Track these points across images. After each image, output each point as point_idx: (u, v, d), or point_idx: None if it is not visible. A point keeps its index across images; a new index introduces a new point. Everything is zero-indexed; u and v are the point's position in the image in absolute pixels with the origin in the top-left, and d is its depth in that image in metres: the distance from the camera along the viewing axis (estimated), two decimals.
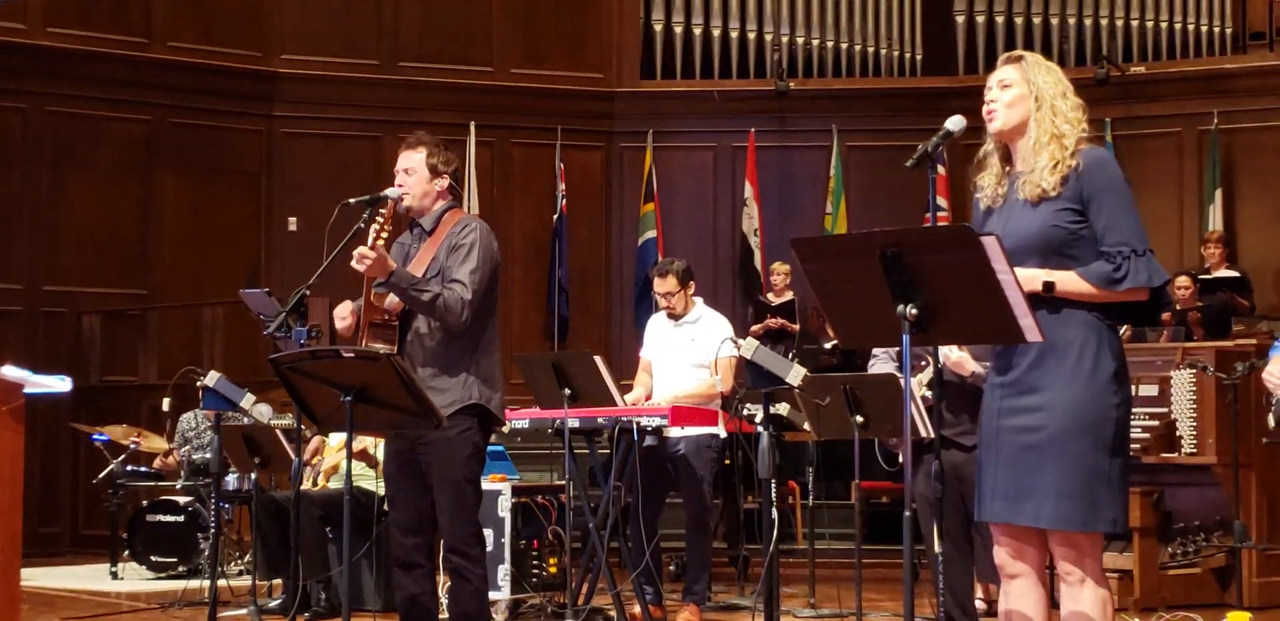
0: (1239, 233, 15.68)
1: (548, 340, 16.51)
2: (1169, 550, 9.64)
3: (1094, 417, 4.75)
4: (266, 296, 9.34)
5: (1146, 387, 9.73)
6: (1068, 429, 4.73)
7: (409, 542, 6.48)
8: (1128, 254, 4.78)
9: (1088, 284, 4.77)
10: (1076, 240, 4.82)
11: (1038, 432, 4.77)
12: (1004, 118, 4.96)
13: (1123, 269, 4.76)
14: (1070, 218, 4.82)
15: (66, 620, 9.51)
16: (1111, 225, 4.81)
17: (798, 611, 9.49)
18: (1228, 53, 16.42)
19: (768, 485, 6.26)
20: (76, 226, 15.23)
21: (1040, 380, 4.80)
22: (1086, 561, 4.81)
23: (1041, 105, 4.91)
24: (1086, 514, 4.73)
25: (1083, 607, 4.81)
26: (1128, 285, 4.76)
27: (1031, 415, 4.79)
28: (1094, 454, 4.73)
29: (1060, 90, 4.94)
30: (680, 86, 17.25)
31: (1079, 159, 4.84)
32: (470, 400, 6.40)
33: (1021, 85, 4.96)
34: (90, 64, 15.27)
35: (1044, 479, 4.74)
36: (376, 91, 16.51)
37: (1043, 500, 4.74)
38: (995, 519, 4.88)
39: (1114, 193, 4.86)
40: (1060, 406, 4.75)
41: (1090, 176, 4.82)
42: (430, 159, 6.55)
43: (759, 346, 6.29)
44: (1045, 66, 4.99)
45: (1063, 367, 4.77)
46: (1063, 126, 4.87)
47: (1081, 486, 4.71)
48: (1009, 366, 4.88)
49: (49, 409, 13.85)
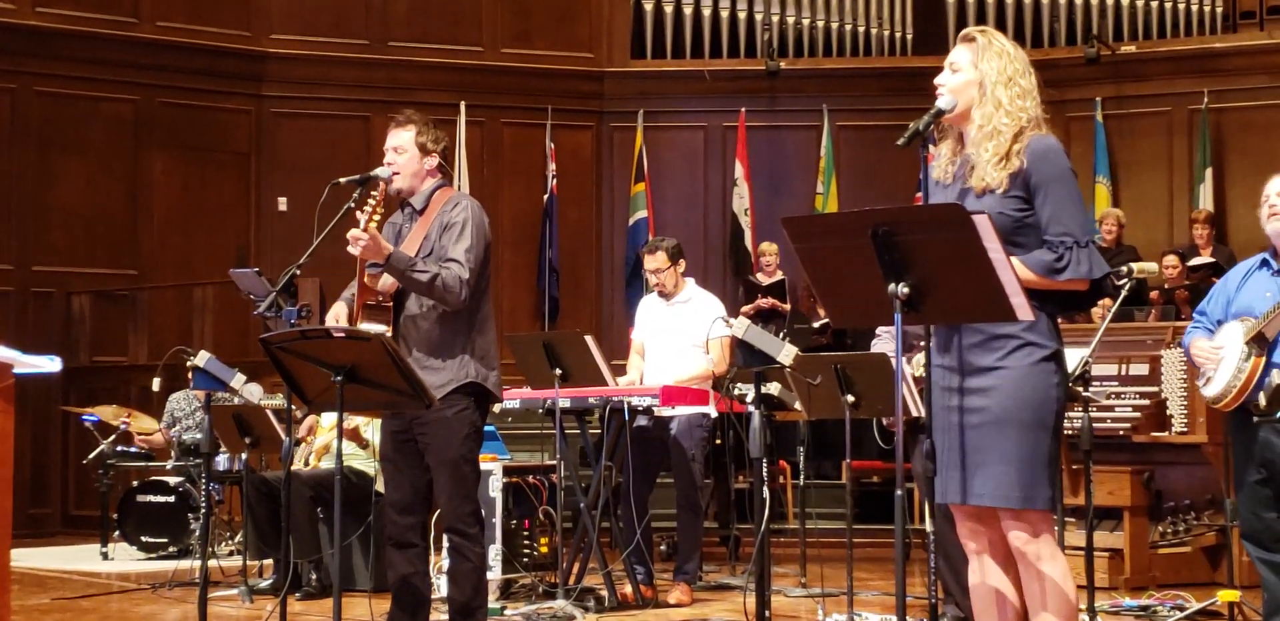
0: (1229, 211, 15.69)
1: (538, 320, 16.50)
2: (1159, 529, 9.66)
3: (1036, 398, 4.81)
4: (256, 276, 9.33)
5: (1137, 366, 9.75)
6: (1010, 409, 4.79)
7: (404, 522, 6.48)
8: (1070, 244, 4.81)
9: (1029, 271, 4.79)
10: (1021, 228, 4.86)
11: (984, 413, 4.82)
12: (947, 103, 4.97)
13: (1064, 259, 4.80)
14: (1016, 205, 4.86)
15: (57, 600, 9.50)
16: (1056, 216, 4.84)
17: (789, 590, 9.50)
18: (1218, 32, 16.39)
19: (759, 464, 6.26)
20: (66, 207, 15.20)
21: (983, 361, 4.85)
22: (1042, 536, 4.86)
23: (984, 95, 4.93)
24: (1027, 491, 4.79)
25: (1044, 583, 4.86)
26: (1068, 276, 4.81)
27: (978, 396, 4.85)
28: (1035, 434, 4.80)
29: (1006, 76, 4.92)
30: (671, 66, 17.22)
31: (1024, 150, 4.85)
32: (467, 379, 6.40)
33: (969, 70, 4.97)
34: (79, 44, 15.22)
35: (988, 457, 4.80)
36: (366, 71, 16.47)
37: (986, 478, 4.81)
38: (947, 499, 4.94)
39: (1059, 182, 4.87)
40: (1004, 388, 4.81)
41: (1035, 166, 4.85)
42: (420, 137, 6.54)
43: (750, 325, 6.28)
44: (996, 49, 4.97)
45: (1005, 349, 4.83)
46: (1002, 121, 4.88)
47: (1022, 465, 4.77)
48: (948, 346, 4.92)
49: (39, 389, 13.84)
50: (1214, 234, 14.58)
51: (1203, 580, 9.45)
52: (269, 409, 9.59)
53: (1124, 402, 9.67)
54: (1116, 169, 16.18)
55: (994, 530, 4.96)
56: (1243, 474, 6.51)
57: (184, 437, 11.88)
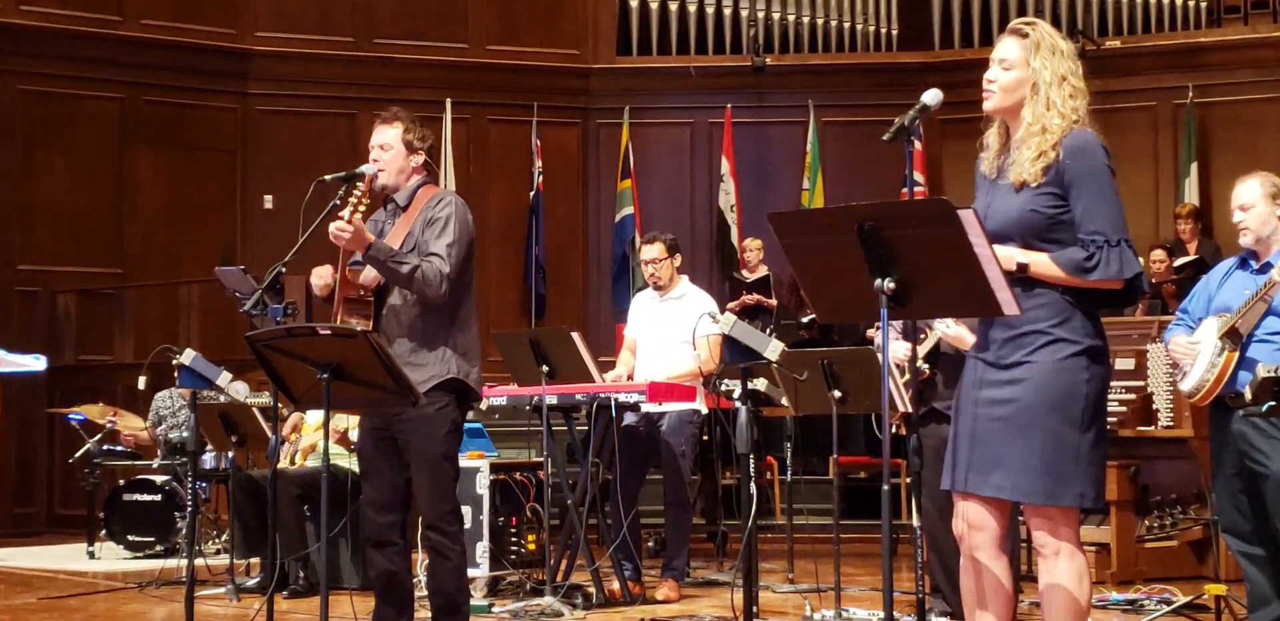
0: (1214, 205, 15.67)
1: (525, 317, 16.50)
2: (1146, 523, 9.67)
3: (1062, 393, 4.77)
4: (242, 274, 9.31)
5: (1122, 361, 9.76)
6: (1035, 403, 4.76)
7: (383, 520, 6.44)
8: (1101, 243, 4.76)
9: (1059, 269, 4.77)
10: (1056, 224, 4.82)
11: (1008, 405, 4.80)
12: (998, 101, 4.94)
13: (1095, 258, 4.76)
14: (1050, 202, 4.81)
15: (43, 599, 9.48)
16: (1089, 213, 4.79)
17: (776, 586, 9.50)
18: (1203, 26, 16.42)
19: (746, 460, 6.25)
20: (51, 205, 15.18)
21: (1014, 355, 4.82)
22: (1061, 533, 4.83)
23: (1036, 95, 4.88)
24: (1051, 487, 4.75)
25: (1059, 579, 4.82)
26: (1097, 276, 4.76)
27: (1004, 388, 4.82)
28: (1061, 428, 4.76)
29: (1060, 75, 4.88)
30: (656, 62, 17.22)
31: (1061, 146, 4.81)
32: (449, 374, 6.38)
33: (1021, 68, 4.91)
34: (64, 42, 15.20)
35: (1011, 451, 4.77)
36: (351, 69, 16.46)
37: (1008, 472, 4.78)
38: (962, 488, 4.91)
39: (1094, 180, 4.81)
40: (1031, 382, 4.78)
41: (1072, 162, 4.80)
42: (406, 134, 6.53)
43: (736, 321, 6.28)
44: (1049, 45, 4.91)
45: (1035, 345, 4.80)
46: (1053, 120, 4.84)
47: (1046, 460, 4.75)
48: (987, 340, 4.91)
49: (25, 388, 13.81)
50: (1199, 228, 14.59)
51: (1189, 574, 9.47)
52: (255, 407, 9.57)
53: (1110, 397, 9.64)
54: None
55: (999, 524, 4.93)
56: (1219, 467, 6.54)
57: (170, 436, 11.86)
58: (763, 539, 9.37)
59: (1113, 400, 9.64)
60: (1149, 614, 8.07)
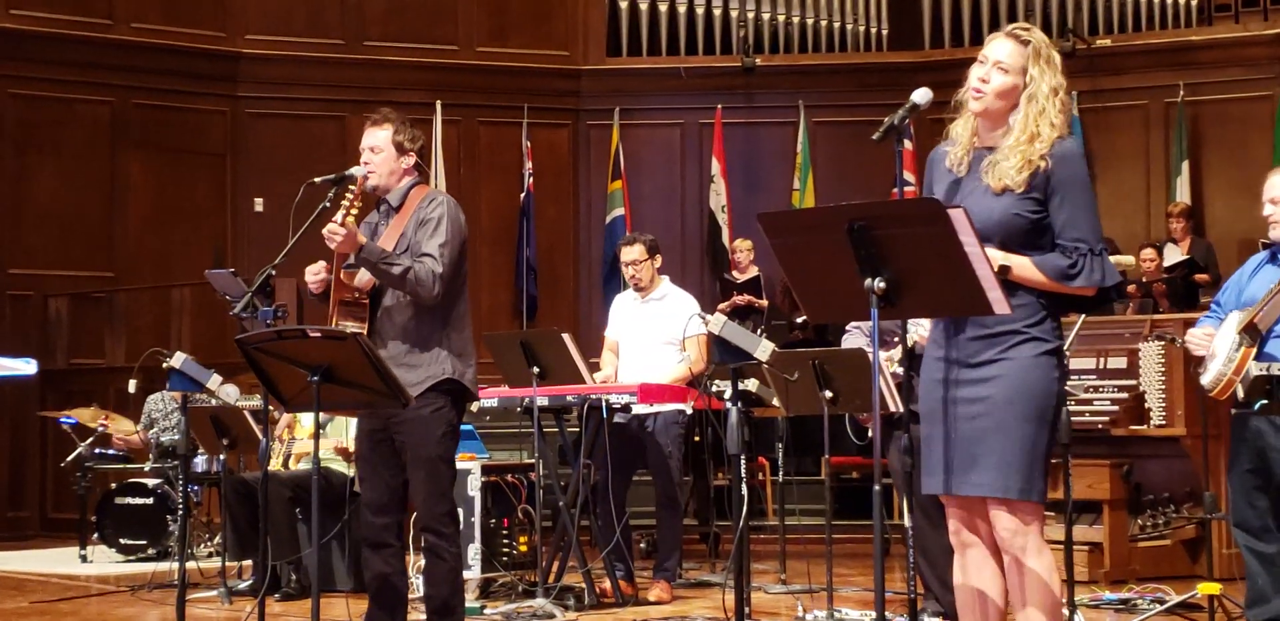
0: (1206, 203, 15.72)
1: (516, 319, 16.48)
2: (1139, 522, 9.67)
3: (1036, 389, 4.81)
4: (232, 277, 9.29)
5: (1115, 360, 9.76)
6: (1011, 399, 4.79)
7: (379, 522, 6.45)
8: (1084, 251, 4.82)
9: (1041, 274, 4.81)
10: (1035, 229, 4.85)
11: (984, 403, 4.82)
12: (988, 104, 4.93)
13: (1078, 266, 4.81)
14: (1033, 207, 4.84)
15: (36, 603, 9.47)
16: (1071, 221, 4.84)
17: (768, 587, 9.49)
18: (1193, 25, 16.42)
19: (737, 461, 6.25)
20: (42, 209, 15.15)
21: (986, 353, 4.85)
22: (1034, 527, 4.86)
23: (1033, 104, 4.88)
24: (1025, 483, 4.79)
25: (1027, 576, 4.85)
26: (1080, 283, 4.82)
27: (978, 386, 4.84)
28: (1034, 427, 4.80)
29: (1053, 88, 4.90)
30: (646, 63, 17.22)
31: (1048, 152, 4.83)
32: (444, 375, 6.39)
33: (1018, 76, 4.90)
34: (54, 46, 15.17)
35: (989, 448, 4.80)
36: (341, 71, 16.44)
37: (986, 469, 4.80)
38: (942, 490, 4.92)
39: (1077, 189, 4.87)
40: (1006, 379, 4.81)
41: (1058, 169, 4.83)
42: (396, 136, 6.54)
43: (726, 321, 6.27)
44: (1046, 56, 4.92)
45: (1009, 343, 4.82)
46: (1045, 130, 4.85)
47: (1021, 456, 4.78)
48: (954, 340, 4.91)
49: (16, 391, 13.80)
50: (1191, 226, 14.60)
51: (1182, 573, 9.46)
52: (246, 410, 9.56)
53: (1102, 396, 9.68)
54: (1093, 162, 16.17)
55: (986, 522, 4.94)
56: (1234, 462, 6.58)
57: (162, 439, 11.84)
58: (755, 539, 9.39)
59: (1105, 399, 9.65)
60: (1142, 613, 8.06)
